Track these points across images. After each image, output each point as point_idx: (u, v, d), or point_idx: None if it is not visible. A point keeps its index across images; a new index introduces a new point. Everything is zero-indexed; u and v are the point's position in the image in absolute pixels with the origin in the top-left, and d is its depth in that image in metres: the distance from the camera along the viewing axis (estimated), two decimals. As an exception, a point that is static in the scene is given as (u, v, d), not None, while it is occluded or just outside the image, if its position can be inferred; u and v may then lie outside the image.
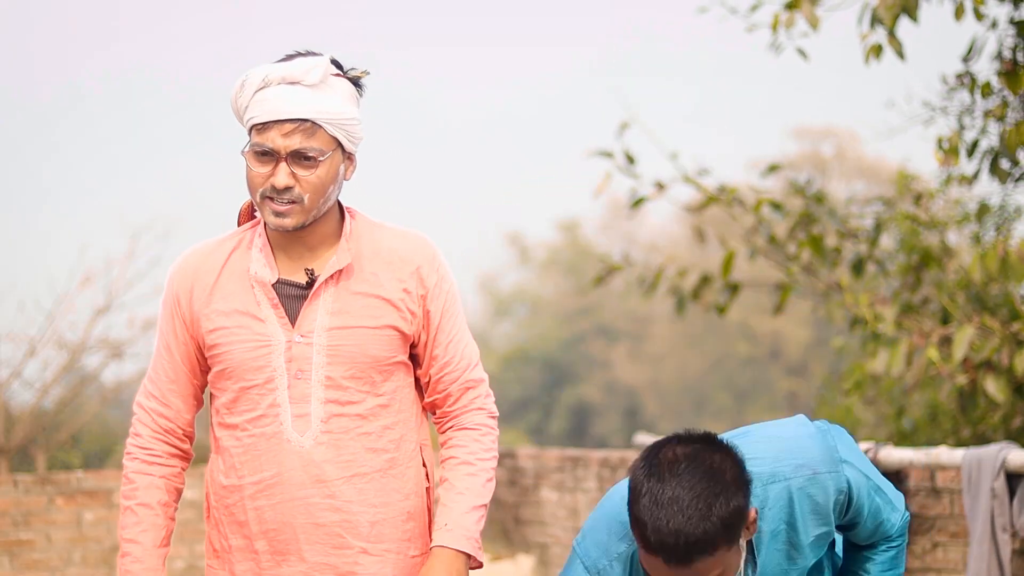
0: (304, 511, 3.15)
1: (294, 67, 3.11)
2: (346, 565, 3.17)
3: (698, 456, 2.86)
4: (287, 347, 3.15)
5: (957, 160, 7.36)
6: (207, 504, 3.28)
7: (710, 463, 2.86)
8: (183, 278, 3.23)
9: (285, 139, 3.09)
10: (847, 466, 3.06)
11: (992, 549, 5.77)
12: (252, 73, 3.12)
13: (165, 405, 3.24)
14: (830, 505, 3.04)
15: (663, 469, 2.86)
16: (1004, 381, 7.16)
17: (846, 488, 3.05)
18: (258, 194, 3.14)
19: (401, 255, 3.23)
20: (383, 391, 3.20)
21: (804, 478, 3.03)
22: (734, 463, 2.88)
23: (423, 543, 3.25)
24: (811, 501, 3.03)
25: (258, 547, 3.18)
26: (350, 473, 3.16)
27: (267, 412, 3.16)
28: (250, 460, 3.17)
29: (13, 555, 8.97)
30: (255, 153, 3.12)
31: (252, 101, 3.11)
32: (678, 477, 2.84)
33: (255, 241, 3.21)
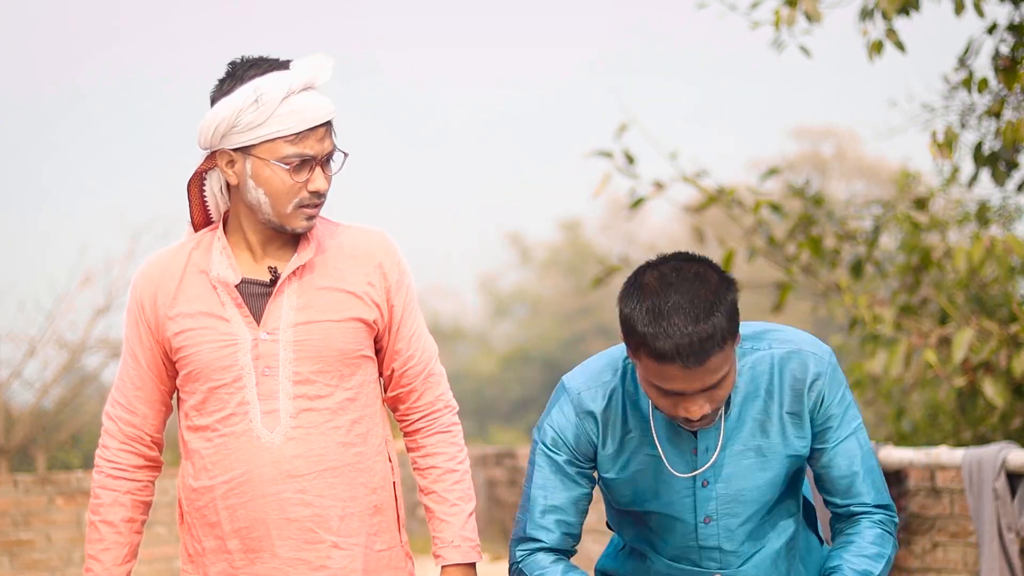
0: (276, 507, 3.18)
1: (309, 71, 3.17)
2: (318, 559, 3.20)
3: (680, 269, 2.95)
4: (253, 344, 3.19)
5: (951, 154, 7.36)
6: (180, 510, 3.31)
7: (694, 271, 2.94)
8: (146, 284, 3.26)
9: (321, 143, 3.16)
10: (834, 369, 3.13)
11: (1000, 549, 5.78)
12: (266, 86, 3.13)
13: (132, 412, 3.27)
14: (807, 383, 3.08)
15: (652, 288, 2.94)
16: (1003, 383, 7.17)
17: (826, 373, 3.10)
18: (292, 203, 3.18)
19: (364, 249, 3.28)
20: (351, 385, 3.24)
21: (786, 351, 3.10)
22: (713, 266, 2.98)
23: (390, 537, 3.30)
24: (791, 375, 3.08)
25: (231, 547, 3.21)
26: (321, 467, 3.19)
27: (236, 411, 3.19)
28: (221, 460, 3.20)
29: (13, 555, 8.98)
30: (294, 164, 3.16)
31: (275, 114, 3.14)
32: (670, 287, 2.91)
33: (215, 244, 3.25)
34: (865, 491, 3.16)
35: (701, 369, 2.88)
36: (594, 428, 3.12)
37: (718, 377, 2.91)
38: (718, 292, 2.92)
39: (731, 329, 2.91)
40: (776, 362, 3.09)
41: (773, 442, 3.09)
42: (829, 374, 3.10)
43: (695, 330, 2.87)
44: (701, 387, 2.91)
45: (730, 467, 3.08)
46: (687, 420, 2.96)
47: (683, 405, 2.94)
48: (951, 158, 7.40)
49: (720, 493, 3.08)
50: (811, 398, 3.09)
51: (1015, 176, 7.62)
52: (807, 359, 3.10)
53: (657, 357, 2.89)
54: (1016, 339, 7.17)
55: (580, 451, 3.13)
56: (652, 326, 2.89)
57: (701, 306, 2.89)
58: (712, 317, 2.88)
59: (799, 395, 3.08)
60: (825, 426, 3.12)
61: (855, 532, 3.16)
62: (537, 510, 3.16)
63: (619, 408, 3.11)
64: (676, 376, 2.89)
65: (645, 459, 3.10)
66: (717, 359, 2.89)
